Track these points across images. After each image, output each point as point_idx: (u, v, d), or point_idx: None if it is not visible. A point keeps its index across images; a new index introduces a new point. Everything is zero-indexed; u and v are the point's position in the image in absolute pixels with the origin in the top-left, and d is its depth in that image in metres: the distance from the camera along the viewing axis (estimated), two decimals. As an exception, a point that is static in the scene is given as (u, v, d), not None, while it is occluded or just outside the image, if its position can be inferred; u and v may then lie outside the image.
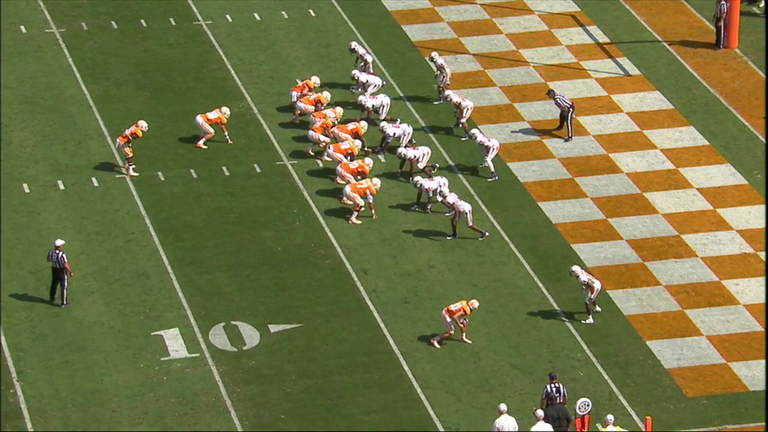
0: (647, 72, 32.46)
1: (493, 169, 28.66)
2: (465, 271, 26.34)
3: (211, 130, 29.14)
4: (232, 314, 25.18)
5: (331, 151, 28.46)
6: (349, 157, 28.28)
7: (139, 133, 28.26)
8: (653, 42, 33.54)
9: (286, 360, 24.33)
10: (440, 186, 27.24)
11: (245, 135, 29.75)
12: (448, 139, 30.04)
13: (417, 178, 27.51)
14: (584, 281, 24.86)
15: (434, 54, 30.85)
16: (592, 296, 24.85)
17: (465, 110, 29.74)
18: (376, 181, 27.39)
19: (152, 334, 24.70)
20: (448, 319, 24.33)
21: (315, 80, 30.20)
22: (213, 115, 29.10)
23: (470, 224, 26.74)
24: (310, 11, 34.23)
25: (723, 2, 32.46)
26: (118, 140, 28.25)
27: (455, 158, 29.47)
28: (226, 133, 29.17)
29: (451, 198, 26.76)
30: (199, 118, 29.12)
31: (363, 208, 27.20)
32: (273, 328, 24.90)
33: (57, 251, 24.92)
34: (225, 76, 32.02)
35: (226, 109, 29.05)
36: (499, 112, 31.15)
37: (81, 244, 26.71)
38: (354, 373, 24.08)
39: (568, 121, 30.02)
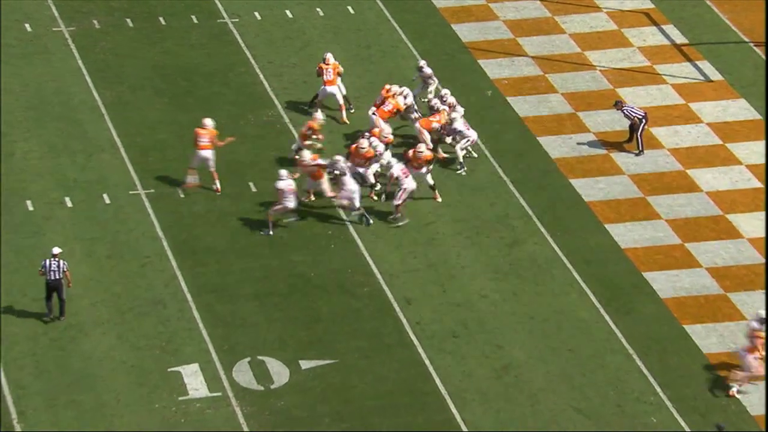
0: (731, 77, 32.34)
1: (461, 160, 28.69)
2: (521, 301, 26.35)
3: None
4: (258, 348, 25.33)
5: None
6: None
7: (316, 126, 28.45)
8: (738, 43, 33.40)
9: (319, 400, 24.43)
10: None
11: (275, 147, 29.99)
12: (503, 153, 30.09)
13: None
14: None
15: (422, 63, 30.61)
16: None
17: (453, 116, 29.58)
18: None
19: (169, 370, 24.89)
20: (755, 359, 23.74)
21: (396, 89, 30.02)
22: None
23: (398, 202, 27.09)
24: (349, 8, 34.48)
25: (818, -2, 32.28)
26: (298, 141, 28.41)
27: (512, 174, 29.53)
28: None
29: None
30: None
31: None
32: (304, 364, 25.03)
33: (56, 260, 25.26)
34: (253, 80, 32.26)
35: (208, 122, 28.87)
36: (560, 122, 31.16)
37: (90, 268, 27.00)
38: (395, 416, 24.14)
39: (639, 133, 29.98)
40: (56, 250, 25.41)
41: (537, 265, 27.14)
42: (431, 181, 28.52)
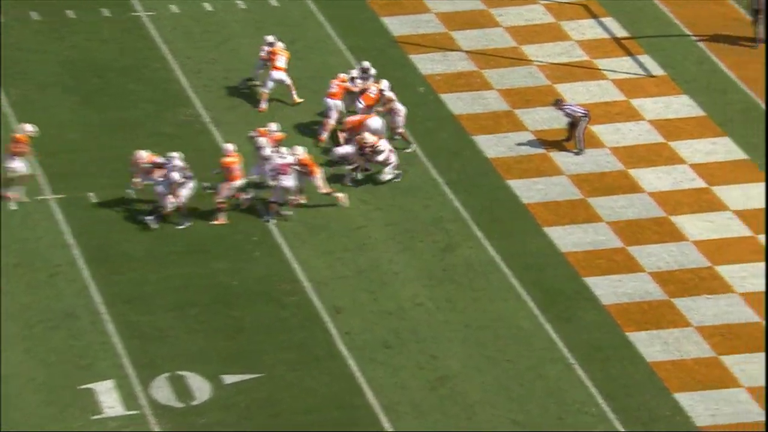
0: (674, 72, 32.82)
1: (392, 176, 28.91)
2: (456, 308, 26.53)
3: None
4: (178, 362, 25.26)
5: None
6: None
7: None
8: (681, 36, 33.92)
9: (244, 417, 24.40)
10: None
11: (194, 148, 29.94)
12: (436, 153, 30.31)
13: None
14: None
15: (367, 64, 30.71)
16: None
17: (396, 115, 29.74)
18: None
19: (81, 387, 24.73)
20: None
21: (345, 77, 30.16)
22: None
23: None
24: (272, 1, 34.52)
25: (763, -10, 32.85)
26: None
27: (446, 175, 29.74)
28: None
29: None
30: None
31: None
32: (228, 378, 25.00)
33: None
34: (169, 77, 32.18)
35: (27, 127, 28.40)
36: (497, 120, 31.42)
37: (-4, 278, 26.83)
38: (325, 431, 24.20)
39: (580, 131, 30.33)
40: None
41: (473, 271, 27.34)
42: (324, 190, 28.23)
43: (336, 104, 29.97)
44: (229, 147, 28.29)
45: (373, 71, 30.53)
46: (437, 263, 27.47)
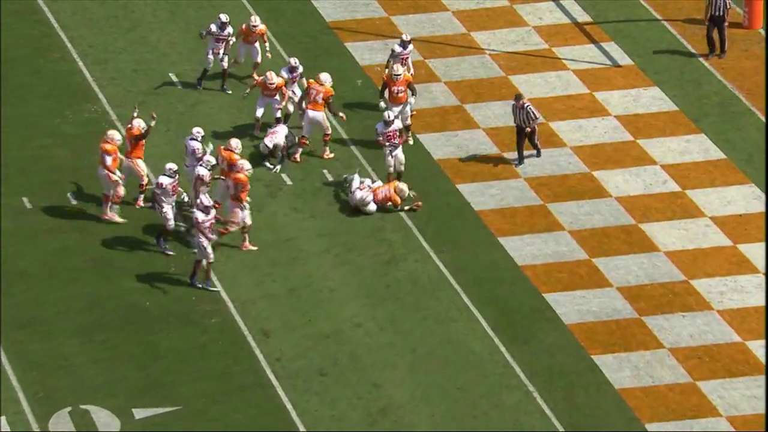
0: (643, 61, 33.11)
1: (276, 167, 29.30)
2: (401, 330, 26.55)
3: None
4: (81, 395, 25.15)
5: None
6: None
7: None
8: (650, 21, 34.24)
9: (158, 456, 24.43)
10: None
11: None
12: (376, 153, 30.38)
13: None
14: None
15: (407, 36, 30.87)
16: None
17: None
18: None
19: (-29, 424, 24.64)
20: None
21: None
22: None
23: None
24: (188, -19, 34.53)
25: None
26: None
27: (385, 178, 29.79)
28: None
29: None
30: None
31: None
32: (139, 413, 24.94)
33: None
34: (71, 68, 32.03)
35: None
36: (444, 116, 31.54)
37: None
38: (251, 472, 24.27)
39: (534, 137, 30.16)
40: None
41: (419, 287, 27.39)
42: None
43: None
44: (234, 142, 28.16)
45: (299, 68, 30.50)
46: (379, 279, 27.47)
